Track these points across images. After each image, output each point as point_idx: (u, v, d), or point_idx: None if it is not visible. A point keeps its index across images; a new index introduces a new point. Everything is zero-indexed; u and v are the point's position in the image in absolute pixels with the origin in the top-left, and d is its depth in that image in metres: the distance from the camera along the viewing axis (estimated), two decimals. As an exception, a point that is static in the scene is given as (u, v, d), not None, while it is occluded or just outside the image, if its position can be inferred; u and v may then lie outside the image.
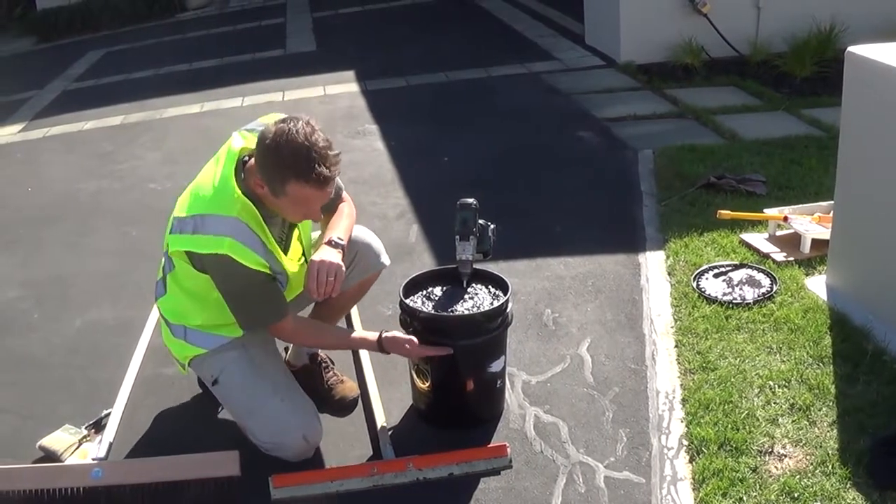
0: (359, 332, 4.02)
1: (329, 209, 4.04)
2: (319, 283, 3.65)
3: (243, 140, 3.65)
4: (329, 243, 3.79)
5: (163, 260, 3.90)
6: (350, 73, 10.46)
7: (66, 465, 3.81)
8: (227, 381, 3.83)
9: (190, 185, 3.75)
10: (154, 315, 4.61)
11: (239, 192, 3.53)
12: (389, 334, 3.87)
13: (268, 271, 3.58)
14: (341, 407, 4.25)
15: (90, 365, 4.76)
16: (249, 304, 3.67)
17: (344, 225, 3.95)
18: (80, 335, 5.11)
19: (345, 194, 4.15)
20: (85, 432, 4.04)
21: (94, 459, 3.72)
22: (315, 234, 4.18)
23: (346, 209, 4.08)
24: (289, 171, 3.37)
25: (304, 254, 3.93)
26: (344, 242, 3.85)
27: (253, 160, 3.55)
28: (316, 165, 3.36)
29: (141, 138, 8.73)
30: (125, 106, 9.99)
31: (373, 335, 3.89)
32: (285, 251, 3.78)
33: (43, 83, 11.68)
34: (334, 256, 3.73)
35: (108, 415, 4.05)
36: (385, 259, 4.28)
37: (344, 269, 3.73)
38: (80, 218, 6.87)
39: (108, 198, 7.23)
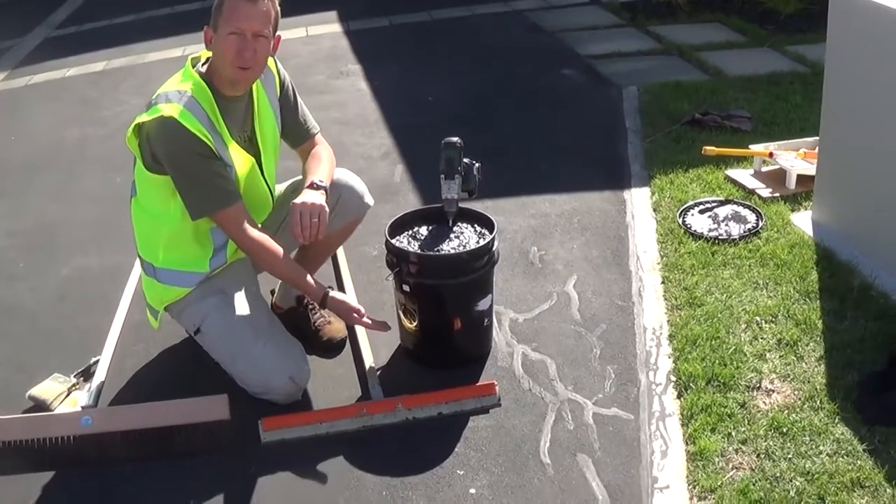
0: (310, 278, 3.95)
1: (300, 142, 4.13)
2: (304, 225, 3.65)
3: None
4: (311, 186, 3.79)
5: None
6: (332, 14, 10.39)
7: (55, 413, 3.80)
8: (209, 329, 3.84)
9: None
10: (140, 261, 4.61)
11: (193, 71, 3.69)
12: (337, 296, 3.88)
13: (212, 145, 3.58)
14: (329, 348, 4.25)
15: (78, 313, 4.75)
16: (196, 178, 3.63)
17: (325, 168, 3.96)
18: (67, 283, 5.09)
19: (319, 136, 4.17)
20: (74, 381, 4.04)
21: (83, 407, 3.73)
22: (286, 185, 4.25)
23: (325, 153, 4.08)
24: None
25: (260, 164, 3.91)
26: (326, 184, 3.85)
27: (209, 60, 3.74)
28: None
29: (124, 84, 8.69)
30: (108, 52, 9.90)
31: (320, 289, 3.88)
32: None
33: (24, 31, 11.54)
34: (317, 198, 3.72)
35: (96, 362, 4.05)
36: (369, 199, 4.27)
37: (327, 210, 3.73)
38: (65, 166, 6.83)
39: (93, 145, 7.18)
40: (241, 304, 3.86)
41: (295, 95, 4.09)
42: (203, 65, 3.76)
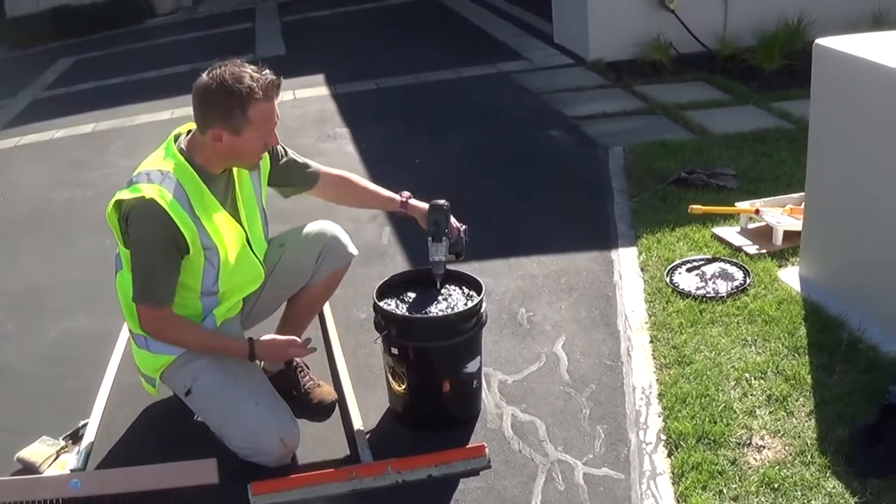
0: (229, 338, 3.95)
1: (314, 179, 4.23)
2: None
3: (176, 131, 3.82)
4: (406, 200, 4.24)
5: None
6: (320, 77, 10.43)
7: (44, 476, 3.79)
8: (199, 390, 3.81)
9: None
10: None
11: (175, 150, 3.67)
12: (264, 338, 3.88)
13: (186, 233, 3.57)
14: (319, 411, 4.24)
15: (67, 375, 4.73)
16: (150, 262, 3.61)
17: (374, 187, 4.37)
18: (56, 345, 5.08)
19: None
20: (63, 443, 4.02)
21: (71, 470, 3.72)
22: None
23: (347, 174, 4.37)
24: (247, 93, 3.51)
25: (248, 239, 3.91)
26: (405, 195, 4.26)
27: (190, 135, 3.71)
28: (262, 80, 3.56)
29: (112, 146, 8.72)
30: (96, 113, 9.94)
31: (243, 342, 3.86)
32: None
33: (14, 92, 11.60)
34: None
35: (85, 425, 4.04)
36: (352, 249, 4.30)
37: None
38: (54, 227, 6.84)
39: (82, 206, 7.19)
40: (232, 364, 3.84)
41: (281, 149, 4.10)
42: (185, 139, 3.75)
